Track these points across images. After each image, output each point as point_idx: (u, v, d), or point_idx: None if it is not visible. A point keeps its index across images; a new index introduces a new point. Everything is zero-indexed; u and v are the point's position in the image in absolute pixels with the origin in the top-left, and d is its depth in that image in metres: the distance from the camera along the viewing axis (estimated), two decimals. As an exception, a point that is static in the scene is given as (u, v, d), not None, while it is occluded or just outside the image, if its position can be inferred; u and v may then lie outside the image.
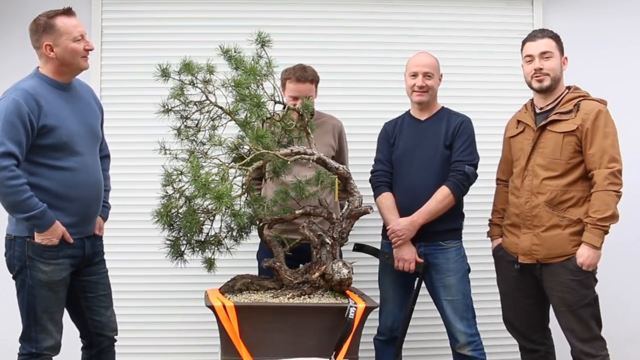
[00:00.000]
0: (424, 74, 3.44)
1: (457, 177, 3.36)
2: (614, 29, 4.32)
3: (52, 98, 2.89)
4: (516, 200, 3.23)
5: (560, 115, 3.14)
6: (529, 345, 3.33)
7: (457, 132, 3.41)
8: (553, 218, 3.10)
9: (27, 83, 2.88)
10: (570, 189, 3.11)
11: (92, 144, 3.05)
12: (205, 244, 3.02)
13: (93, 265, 3.08)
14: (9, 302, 3.89)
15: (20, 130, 2.76)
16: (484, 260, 3.80)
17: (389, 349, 3.51)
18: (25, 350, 2.93)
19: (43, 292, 2.88)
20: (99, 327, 3.11)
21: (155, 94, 3.03)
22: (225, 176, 2.76)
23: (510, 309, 3.33)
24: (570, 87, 3.25)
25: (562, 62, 3.23)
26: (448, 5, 4.27)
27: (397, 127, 3.56)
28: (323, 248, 3.03)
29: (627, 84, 4.17)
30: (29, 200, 2.77)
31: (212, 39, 3.46)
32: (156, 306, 4.09)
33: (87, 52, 2.95)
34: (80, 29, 2.93)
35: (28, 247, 2.86)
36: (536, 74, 3.20)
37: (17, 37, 3.99)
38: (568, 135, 3.10)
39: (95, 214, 3.07)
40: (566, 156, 3.11)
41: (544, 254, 3.13)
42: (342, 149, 3.75)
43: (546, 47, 3.18)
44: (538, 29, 3.33)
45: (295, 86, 3.50)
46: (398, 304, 3.49)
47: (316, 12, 4.23)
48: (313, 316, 2.88)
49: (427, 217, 3.33)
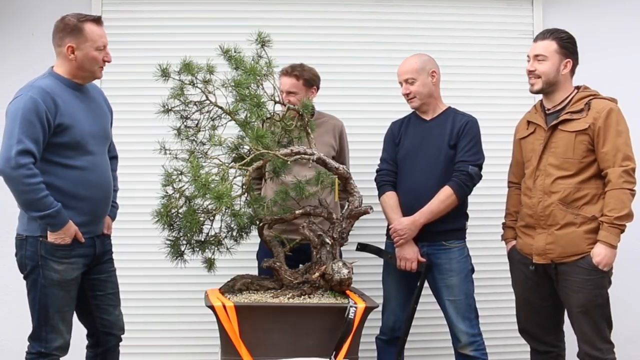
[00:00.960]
0: (405, 80, 3.44)
1: (460, 177, 3.35)
2: (614, 30, 4.32)
3: (68, 97, 2.91)
4: (529, 201, 3.20)
5: (572, 114, 3.12)
6: (540, 347, 3.30)
7: (462, 132, 3.39)
8: (567, 216, 3.08)
9: (44, 82, 2.89)
10: (583, 187, 3.09)
11: (103, 144, 3.08)
12: (205, 244, 3.02)
13: (102, 263, 3.10)
14: (9, 302, 3.91)
15: (38, 128, 2.78)
16: (488, 260, 3.81)
17: (390, 348, 3.51)
18: (34, 350, 2.93)
19: (55, 291, 2.89)
20: (108, 325, 3.12)
21: (155, 94, 3.03)
22: (225, 176, 2.76)
23: (525, 312, 3.31)
24: (580, 87, 3.23)
25: (564, 66, 3.16)
26: (448, 5, 4.27)
27: (402, 126, 3.56)
28: (323, 248, 3.03)
29: (627, 84, 4.17)
30: (45, 199, 2.78)
31: (212, 39, 3.45)
32: (156, 306, 4.09)
33: (104, 63, 2.99)
34: (105, 40, 2.97)
35: (41, 246, 2.87)
36: (528, 76, 3.21)
37: (17, 37, 4.00)
38: (580, 134, 3.08)
39: (105, 213, 3.10)
40: (579, 155, 3.09)
41: (558, 252, 3.10)
42: (343, 149, 3.75)
43: (541, 50, 3.16)
44: (547, 29, 3.27)
45: (281, 79, 3.55)
46: (400, 304, 3.49)
47: (316, 12, 4.23)
48: (313, 316, 2.88)
49: (429, 216, 3.33)
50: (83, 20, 2.92)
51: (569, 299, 3.11)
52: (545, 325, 3.28)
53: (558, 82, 3.18)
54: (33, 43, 4.05)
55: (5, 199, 3.95)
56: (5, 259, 3.85)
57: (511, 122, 3.49)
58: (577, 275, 3.06)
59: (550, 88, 3.18)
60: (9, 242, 2.95)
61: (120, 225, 3.31)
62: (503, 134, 3.68)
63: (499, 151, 3.58)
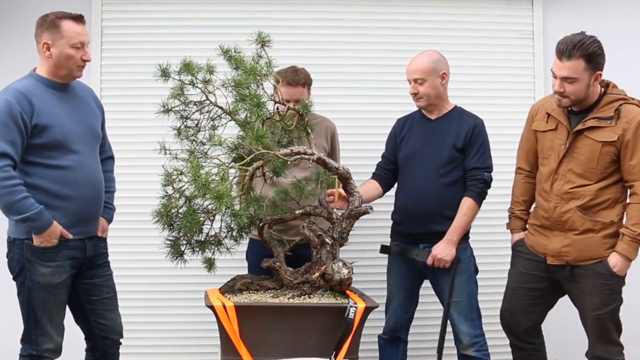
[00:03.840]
0: (414, 80, 3.41)
1: (478, 186, 3.34)
2: (614, 30, 4.30)
3: (46, 97, 2.87)
4: (545, 204, 3.14)
5: (599, 120, 2.99)
6: (518, 343, 3.32)
7: (471, 138, 3.36)
8: (586, 222, 3.03)
9: (20, 83, 2.87)
10: (602, 193, 3.03)
11: (91, 143, 3.03)
12: (205, 244, 3.02)
13: (96, 267, 3.06)
14: (9, 302, 3.89)
15: (14, 130, 2.74)
16: (492, 260, 3.81)
17: (392, 348, 3.52)
18: (25, 352, 2.92)
19: (42, 294, 2.87)
20: (105, 330, 3.09)
21: (155, 94, 3.02)
22: (225, 176, 2.76)
23: (510, 305, 3.29)
24: (609, 85, 3.09)
25: (594, 79, 2.98)
26: (448, 5, 4.27)
27: (407, 125, 3.54)
28: (323, 248, 3.03)
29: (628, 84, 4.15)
30: (23, 201, 2.74)
31: (212, 39, 3.45)
32: (156, 306, 4.09)
33: (83, 62, 2.93)
34: (83, 38, 2.91)
35: (27, 249, 2.85)
36: (555, 94, 3.07)
37: (17, 37, 4.00)
38: (607, 145, 2.98)
39: (95, 214, 3.05)
40: (602, 166, 3.00)
41: (574, 255, 3.06)
42: (335, 151, 3.73)
43: (569, 73, 2.94)
44: (572, 43, 2.93)
45: (286, 90, 3.45)
46: (401, 305, 3.50)
47: (316, 12, 4.23)
48: (313, 316, 2.88)
49: (460, 232, 3.32)
50: (61, 17, 2.88)
51: (583, 301, 3.10)
52: (526, 324, 3.27)
53: (586, 96, 3.03)
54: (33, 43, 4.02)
55: None
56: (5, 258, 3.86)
57: (511, 122, 3.50)
58: (595, 279, 3.04)
59: (581, 103, 3.04)
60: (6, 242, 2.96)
61: (120, 226, 3.31)
62: (503, 134, 3.68)
63: (499, 151, 3.57)
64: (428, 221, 3.37)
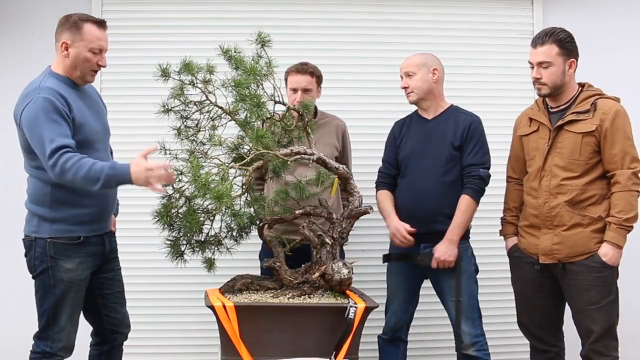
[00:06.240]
0: (404, 73, 3.44)
1: (474, 183, 3.35)
2: (614, 30, 4.31)
3: (72, 96, 2.88)
4: (534, 201, 3.20)
5: (578, 114, 3.11)
6: (540, 346, 3.31)
7: (468, 135, 3.38)
8: (574, 217, 3.09)
9: (48, 82, 2.85)
10: (589, 188, 3.09)
11: (106, 141, 3.08)
12: (205, 244, 3.03)
13: (110, 262, 3.10)
14: (9, 302, 3.90)
15: (63, 124, 2.76)
16: (491, 260, 3.80)
17: (392, 348, 3.51)
18: (39, 349, 2.92)
19: (65, 291, 2.88)
20: (115, 323, 3.12)
21: (155, 94, 3.03)
22: (225, 176, 2.76)
23: (525, 310, 3.30)
24: (584, 85, 3.22)
25: (568, 66, 3.15)
26: (448, 5, 4.27)
27: (404, 126, 3.55)
28: (323, 248, 3.03)
29: (628, 84, 4.16)
30: (94, 167, 2.70)
31: (212, 39, 3.46)
32: (156, 306, 4.09)
33: (98, 67, 2.94)
34: (102, 44, 2.92)
35: (50, 247, 2.86)
36: (534, 83, 3.19)
37: (16, 37, 4.00)
38: (587, 136, 3.07)
39: (111, 210, 3.09)
40: (585, 157, 3.09)
41: (565, 252, 3.11)
42: (346, 149, 3.75)
43: (544, 57, 3.12)
44: (544, 32, 3.21)
45: (295, 77, 3.50)
46: (401, 305, 3.49)
47: (316, 12, 4.23)
48: (313, 316, 2.88)
49: (459, 231, 3.33)
50: (84, 20, 2.89)
51: (579, 298, 3.11)
52: (546, 325, 3.28)
53: (565, 83, 3.16)
54: (33, 42, 4.05)
55: (2, 200, 3.97)
56: (5, 259, 3.86)
57: (511, 122, 3.48)
58: (588, 274, 3.07)
59: (558, 91, 3.17)
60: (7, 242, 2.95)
61: (120, 225, 3.31)
62: (503, 134, 3.67)
63: (499, 151, 3.56)
64: (429, 221, 3.36)
